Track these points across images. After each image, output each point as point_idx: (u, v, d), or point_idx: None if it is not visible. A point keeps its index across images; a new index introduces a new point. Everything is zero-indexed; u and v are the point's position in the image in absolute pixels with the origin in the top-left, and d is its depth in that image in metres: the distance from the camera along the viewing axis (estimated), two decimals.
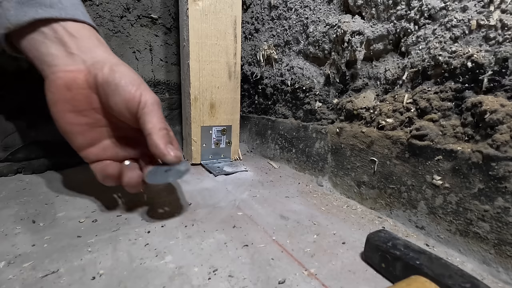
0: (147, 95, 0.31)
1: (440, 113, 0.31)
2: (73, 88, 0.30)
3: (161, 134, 0.30)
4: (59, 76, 0.30)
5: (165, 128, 0.31)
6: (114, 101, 0.30)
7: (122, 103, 0.30)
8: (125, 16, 0.71)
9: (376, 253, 0.26)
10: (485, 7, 0.27)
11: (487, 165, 0.26)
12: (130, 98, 0.30)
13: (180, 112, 0.77)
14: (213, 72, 0.57)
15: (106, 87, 0.30)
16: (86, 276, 0.24)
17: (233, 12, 0.57)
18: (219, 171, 0.54)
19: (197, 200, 0.41)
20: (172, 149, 0.31)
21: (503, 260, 0.26)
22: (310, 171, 0.53)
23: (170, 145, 0.31)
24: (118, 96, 0.30)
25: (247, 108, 0.77)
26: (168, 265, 0.26)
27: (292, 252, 0.29)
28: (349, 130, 0.43)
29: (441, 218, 0.31)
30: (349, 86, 0.44)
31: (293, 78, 0.56)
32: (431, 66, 0.32)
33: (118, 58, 0.33)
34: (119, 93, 0.30)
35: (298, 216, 0.37)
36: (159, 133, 0.30)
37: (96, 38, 0.33)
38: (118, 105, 0.31)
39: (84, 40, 0.31)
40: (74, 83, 0.30)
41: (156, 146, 0.30)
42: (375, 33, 0.38)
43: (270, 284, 0.24)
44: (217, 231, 0.32)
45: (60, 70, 0.30)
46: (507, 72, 0.26)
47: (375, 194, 0.39)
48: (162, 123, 0.31)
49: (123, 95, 0.30)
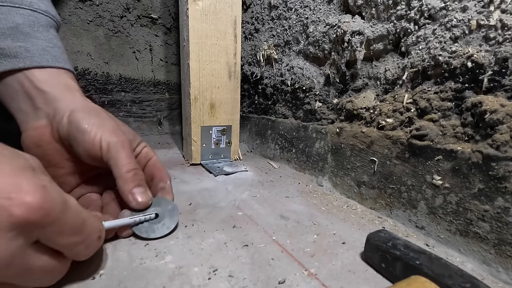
0: (108, 137, 0.29)
1: (440, 113, 0.31)
2: (42, 145, 0.30)
3: (129, 177, 0.29)
4: (28, 134, 0.30)
5: (133, 169, 0.29)
6: (78, 152, 0.30)
7: (85, 153, 0.29)
8: (125, 16, 0.71)
9: (376, 253, 0.26)
10: (485, 7, 0.27)
11: (487, 165, 0.26)
12: (90, 147, 0.29)
13: (180, 112, 0.77)
14: (213, 72, 0.57)
15: (68, 139, 0.29)
16: (86, 276, 0.24)
17: (233, 12, 0.57)
18: (219, 171, 0.54)
19: (197, 200, 0.41)
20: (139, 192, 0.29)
21: (503, 260, 0.26)
22: (310, 171, 0.53)
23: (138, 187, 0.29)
24: (79, 146, 0.29)
25: (247, 108, 0.77)
26: (168, 265, 0.26)
27: (292, 252, 0.29)
28: (349, 130, 0.43)
29: (441, 218, 0.31)
30: (349, 86, 0.44)
31: (293, 78, 0.56)
32: (431, 66, 0.32)
33: (83, 99, 0.32)
34: (79, 144, 0.29)
35: (298, 216, 0.37)
36: (126, 176, 0.29)
37: (64, 84, 0.32)
38: (83, 155, 0.30)
39: (49, 91, 0.30)
40: (41, 140, 0.30)
41: (122, 193, 0.29)
42: (375, 33, 0.38)
43: (270, 284, 0.24)
44: (217, 231, 0.32)
45: (28, 128, 0.30)
46: (507, 72, 0.26)
47: (375, 194, 0.39)
48: (128, 164, 0.29)
49: (83, 145, 0.29)
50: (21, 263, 0.18)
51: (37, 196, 0.17)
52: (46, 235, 0.19)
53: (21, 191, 0.17)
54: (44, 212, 0.18)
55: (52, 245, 0.20)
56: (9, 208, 0.16)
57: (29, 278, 0.19)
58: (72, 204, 0.21)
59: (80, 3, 0.65)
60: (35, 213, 0.17)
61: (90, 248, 0.23)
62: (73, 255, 0.22)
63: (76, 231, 0.21)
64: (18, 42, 0.29)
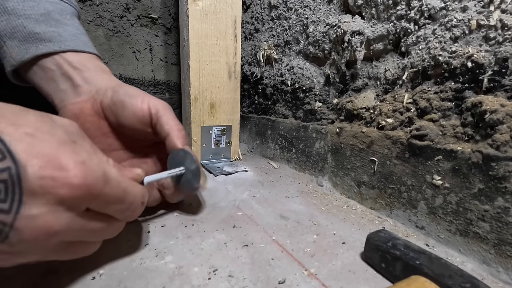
0: (156, 102, 0.32)
1: (440, 113, 0.31)
2: (80, 117, 0.31)
3: (180, 135, 0.32)
4: (68, 108, 0.31)
5: (183, 129, 0.33)
6: (125, 117, 0.31)
7: (133, 117, 0.31)
8: (125, 16, 0.71)
9: (376, 253, 0.26)
10: (485, 7, 0.27)
11: (487, 165, 0.26)
12: (138, 110, 0.31)
13: (180, 112, 0.77)
14: (213, 72, 0.57)
15: (113, 108, 0.31)
16: (86, 276, 0.24)
17: (233, 12, 0.57)
18: (219, 171, 0.54)
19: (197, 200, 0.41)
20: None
21: (503, 260, 0.26)
22: (310, 171, 0.53)
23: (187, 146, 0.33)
24: (127, 111, 0.31)
25: (247, 108, 0.77)
26: (168, 265, 0.26)
27: (292, 252, 0.29)
28: (349, 130, 0.43)
29: (441, 218, 0.31)
30: (349, 86, 0.44)
31: (293, 78, 0.56)
32: (431, 66, 0.32)
33: (120, 81, 0.34)
34: (127, 109, 0.31)
35: (298, 216, 0.37)
36: (179, 134, 0.32)
37: (99, 66, 0.35)
38: (129, 120, 0.31)
39: (86, 71, 0.33)
40: (81, 112, 0.31)
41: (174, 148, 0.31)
42: (375, 33, 0.38)
43: (270, 284, 0.24)
44: (217, 231, 0.32)
45: (68, 104, 0.32)
46: (507, 72, 0.26)
47: (375, 194, 0.39)
48: (179, 124, 0.32)
49: (131, 109, 0.31)
50: (79, 228, 0.20)
51: (78, 174, 0.18)
52: (93, 206, 0.20)
53: (63, 170, 0.18)
54: (86, 188, 0.19)
55: (102, 212, 0.22)
56: (54, 188, 0.17)
57: (92, 236, 0.22)
58: (112, 175, 0.21)
59: (80, 3, 0.65)
60: (78, 190, 0.18)
61: (136, 212, 0.25)
62: (123, 219, 0.24)
63: (120, 200, 0.22)
64: (51, 28, 0.31)
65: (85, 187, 0.19)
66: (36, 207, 0.17)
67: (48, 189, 0.17)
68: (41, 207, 0.17)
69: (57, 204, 0.18)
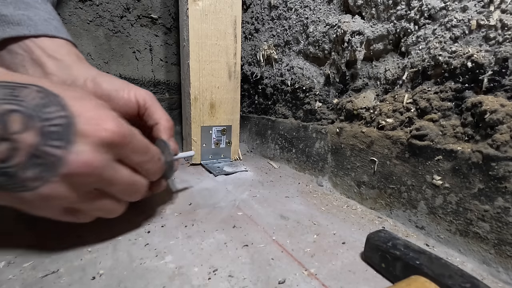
0: (141, 92, 0.33)
1: (440, 113, 0.31)
2: None
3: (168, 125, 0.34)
4: None
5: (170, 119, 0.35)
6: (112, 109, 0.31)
7: (121, 109, 0.31)
8: (125, 16, 0.71)
9: (376, 253, 0.26)
10: (485, 7, 0.27)
11: (487, 165, 0.26)
12: (126, 101, 0.31)
13: (180, 112, 0.77)
14: (213, 72, 0.57)
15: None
16: (86, 276, 0.24)
17: (233, 12, 0.57)
18: (219, 171, 0.54)
19: (197, 200, 0.41)
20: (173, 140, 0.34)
21: (503, 260, 0.26)
22: (310, 171, 0.53)
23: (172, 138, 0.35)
24: (114, 104, 0.31)
25: (247, 108, 0.77)
26: (168, 265, 0.26)
27: (292, 252, 0.29)
28: (349, 130, 0.43)
29: (441, 218, 0.31)
30: (349, 86, 0.44)
31: (293, 78, 0.56)
32: (431, 66, 0.32)
33: (97, 70, 0.33)
34: (114, 102, 0.31)
35: (298, 216, 0.37)
36: (166, 124, 0.34)
37: (74, 53, 0.33)
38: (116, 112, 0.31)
39: (62, 59, 0.31)
40: None
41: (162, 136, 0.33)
42: (375, 33, 0.38)
43: (270, 284, 0.24)
44: (217, 231, 0.32)
45: None
46: (507, 72, 0.26)
47: (375, 194, 0.39)
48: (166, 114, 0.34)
49: (118, 101, 0.31)
50: (111, 173, 0.24)
51: (115, 124, 0.23)
52: (124, 154, 0.25)
53: (103, 120, 0.23)
54: (121, 135, 0.24)
55: (130, 163, 0.26)
56: (98, 131, 0.22)
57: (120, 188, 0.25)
58: (137, 132, 0.26)
59: (80, 3, 0.65)
60: (115, 135, 0.23)
61: (155, 166, 0.29)
62: (145, 172, 0.28)
63: (145, 151, 0.27)
64: (20, 11, 0.30)
65: (119, 133, 0.23)
66: (83, 145, 0.22)
67: (92, 132, 0.22)
68: (86, 145, 0.22)
69: (98, 145, 0.22)
